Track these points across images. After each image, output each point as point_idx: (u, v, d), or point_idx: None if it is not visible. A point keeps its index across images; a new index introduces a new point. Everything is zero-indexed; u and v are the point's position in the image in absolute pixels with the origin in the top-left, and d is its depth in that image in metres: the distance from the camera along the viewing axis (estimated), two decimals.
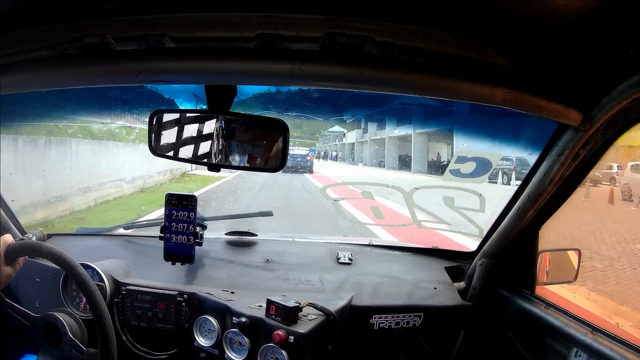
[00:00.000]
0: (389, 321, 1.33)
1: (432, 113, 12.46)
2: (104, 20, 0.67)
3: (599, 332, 1.11)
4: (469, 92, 0.74)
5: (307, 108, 1.76)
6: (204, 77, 0.75)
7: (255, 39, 0.67)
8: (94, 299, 1.07)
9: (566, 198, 1.18)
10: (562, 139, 0.96)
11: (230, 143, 0.85)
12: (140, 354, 1.30)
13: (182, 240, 1.30)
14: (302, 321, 1.15)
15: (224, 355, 1.19)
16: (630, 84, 0.74)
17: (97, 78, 0.75)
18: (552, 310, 1.27)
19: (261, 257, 1.51)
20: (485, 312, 1.43)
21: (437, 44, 0.69)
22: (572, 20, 0.64)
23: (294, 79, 0.70)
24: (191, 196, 1.31)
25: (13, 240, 1.07)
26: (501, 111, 0.80)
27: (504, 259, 1.40)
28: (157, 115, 0.87)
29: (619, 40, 0.69)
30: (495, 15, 0.65)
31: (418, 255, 1.61)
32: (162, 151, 0.89)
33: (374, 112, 13.78)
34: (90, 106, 1.97)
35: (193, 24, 0.67)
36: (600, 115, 0.82)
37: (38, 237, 1.46)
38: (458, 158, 1.48)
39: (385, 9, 0.65)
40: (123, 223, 1.65)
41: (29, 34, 0.70)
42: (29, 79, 0.76)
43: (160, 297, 1.28)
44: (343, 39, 0.67)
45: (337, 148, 21.37)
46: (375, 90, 0.74)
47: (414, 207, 1.66)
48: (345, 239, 1.73)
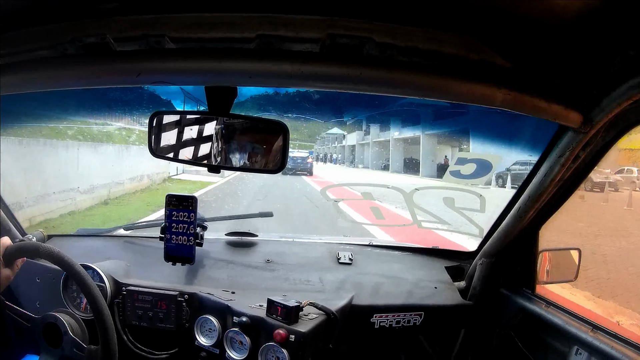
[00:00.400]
0: (389, 320, 1.33)
1: (443, 114, 12.20)
2: (104, 20, 0.67)
3: (600, 330, 1.11)
4: (469, 94, 0.74)
5: (307, 110, 1.76)
6: (204, 78, 0.75)
7: (255, 40, 0.67)
8: (92, 295, 1.07)
9: (566, 199, 1.18)
10: (562, 140, 0.96)
11: (231, 144, 0.85)
12: (142, 353, 1.30)
13: (183, 240, 1.30)
14: (303, 320, 1.15)
15: (225, 354, 1.19)
16: (630, 85, 0.74)
17: (97, 78, 0.75)
18: (552, 308, 1.27)
19: (261, 257, 1.51)
20: (485, 311, 1.43)
21: (437, 44, 0.69)
22: (572, 20, 0.64)
23: (294, 80, 0.70)
24: (191, 197, 1.31)
25: (11, 242, 1.07)
26: (505, 113, 0.80)
27: (504, 259, 1.40)
28: (157, 116, 0.87)
29: (619, 41, 0.69)
30: (495, 15, 0.65)
31: (418, 255, 1.61)
32: (163, 153, 0.89)
33: (377, 113, 13.54)
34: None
35: (193, 25, 0.67)
36: (600, 117, 0.82)
37: (38, 238, 1.46)
38: (458, 159, 1.48)
39: (385, 10, 0.65)
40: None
41: (29, 34, 0.70)
42: (29, 79, 0.76)
43: (161, 297, 1.28)
44: (343, 40, 0.67)
45: (336, 150, 21.04)
46: (375, 92, 0.74)
47: (414, 208, 1.66)
48: (345, 239, 1.74)
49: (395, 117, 14.13)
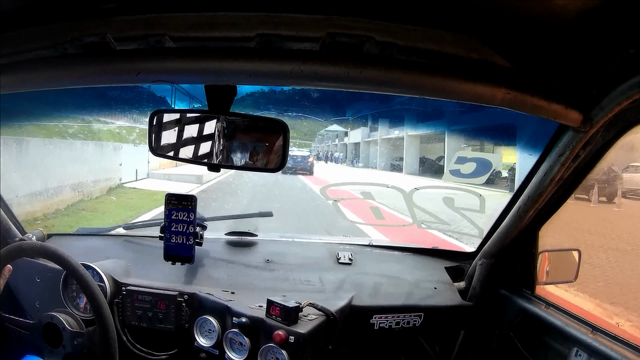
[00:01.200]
0: (389, 321, 1.33)
1: (465, 109, 11.38)
2: (104, 19, 0.67)
3: (599, 332, 1.11)
4: (469, 93, 0.74)
5: (307, 107, 1.76)
6: (204, 77, 0.75)
7: (255, 39, 0.67)
8: (93, 294, 1.08)
9: (566, 199, 1.18)
10: (562, 139, 0.97)
11: (231, 143, 0.85)
12: (141, 354, 1.30)
13: (182, 240, 1.30)
14: (303, 321, 1.15)
15: (224, 355, 1.19)
16: (630, 84, 0.74)
17: (97, 78, 0.75)
18: (552, 309, 1.27)
19: (261, 257, 1.51)
20: (485, 312, 1.43)
21: (437, 43, 0.69)
22: (572, 20, 0.64)
23: (293, 79, 0.70)
24: (191, 196, 1.31)
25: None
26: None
27: (504, 259, 1.40)
28: (157, 115, 0.87)
29: (619, 40, 0.69)
30: (496, 15, 0.65)
31: (418, 255, 1.61)
32: (163, 151, 0.89)
33: (386, 109, 12.86)
34: None
35: (193, 24, 0.67)
36: (600, 116, 0.82)
37: (38, 237, 1.46)
38: (458, 158, 1.48)
39: (385, 9, 0.66)
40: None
41: (29, 34, 0.70)
42: (29, 79, 0.76)
43: (161, 297, 1.28)
44: (343, 38, 0.67)
45: (337, 149, 20.28)
46: (375, 91, 0.74)
47: (413, 208, 1.66)
48: (345, 239, 1.73)
49: (410, 113, 12.97)
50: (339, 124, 16.15)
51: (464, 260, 1.56)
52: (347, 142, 19.14)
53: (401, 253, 1.62)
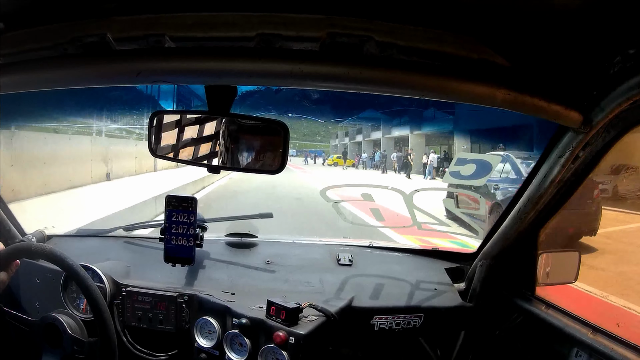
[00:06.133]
0: (389, 322, 1.32)
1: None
2: (104, 20, 0.68)
3: (600, 332, 1.11)
4: (470, 93, 0.74)
5: (306, 109, 1.75)
6: (204, 77, 0.75)
7: (255, 39, 0.67)
8: (93, 295, 1.08)
9: (566, 200, 1.18)
10: (562, 141, 0.96)
11: (231, 144, 0.85)
12: (141, 355, 1.30)
13: (182, 242, 1.30)
14: (303, 322, 1.15)
15: (225, 356, 1.19)
16: (630, 85, 0.74)
17: (96, 78, 0.75)
18: (552, 310, 1.27)
19: (261, 258, 1.51)
20: (485, 313, 1.43)
21: (437, 44, 0.69)
22: (571, 20, 0.64)
23: (293, 79, 0.70)
24: (191, 198, 1.31)
25: (3, 246, 1.07)
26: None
27: (504, 260, 1.40)
28: (157, 116, 0.87)
29: (619, 40, 0.69)
30: (496, 15, 0.66)
31: (418, 256, 1.61)
32: (162, 152, 0.89)
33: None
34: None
35: (193, 24, 0.67)
36: (600, 117, 0.82)
37: (38, 238, 1.46)
38: (458, 160, 1.48)
39: (385, 9, 0.66)
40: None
41: (29, 34, 0.70)
42: (29, 79, 0.76)
43: (161, 298, 1.27)
44: (343, 39, 0.67)
45: (366, 148, 17.38)
46: (375, 91, 0.74)
47: (414, 209, 1.66)
48: (345, 241, 1.73)
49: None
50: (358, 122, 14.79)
51: (464, 262, 1.55)
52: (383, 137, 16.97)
53: (401, 254, 1.62)
